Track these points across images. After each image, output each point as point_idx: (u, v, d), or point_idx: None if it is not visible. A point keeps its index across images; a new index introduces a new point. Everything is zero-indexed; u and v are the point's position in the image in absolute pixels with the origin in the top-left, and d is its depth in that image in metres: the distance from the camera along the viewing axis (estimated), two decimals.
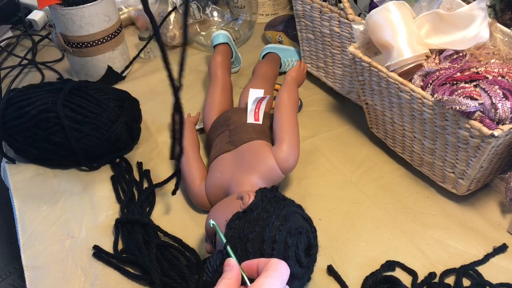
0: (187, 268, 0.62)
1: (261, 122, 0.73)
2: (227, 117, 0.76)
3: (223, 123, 0.75)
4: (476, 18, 0.67)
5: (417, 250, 0.66)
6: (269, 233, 0.53)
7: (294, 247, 0.53)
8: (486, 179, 0.71)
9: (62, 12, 0.90)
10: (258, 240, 0.53)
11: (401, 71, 0.68)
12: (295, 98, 0.75)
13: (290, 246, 0.53)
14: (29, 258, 0.67)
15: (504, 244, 0.65)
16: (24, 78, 1.05)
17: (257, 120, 0.73)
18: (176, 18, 1.08)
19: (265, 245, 0.53)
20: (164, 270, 0.63)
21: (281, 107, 0.72)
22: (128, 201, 0.73)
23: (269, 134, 0.73)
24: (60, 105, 0.75)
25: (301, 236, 0.55)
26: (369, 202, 0.73)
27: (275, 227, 0.54)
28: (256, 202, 0.57)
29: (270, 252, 0.52)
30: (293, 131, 0.70)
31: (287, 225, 0.54)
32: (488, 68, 0.64)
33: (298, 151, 0.69)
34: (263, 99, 0.72)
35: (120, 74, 1.01)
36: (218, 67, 0.89)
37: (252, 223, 0.54)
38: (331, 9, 0.81)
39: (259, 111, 0.72)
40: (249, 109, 0.73)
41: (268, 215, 0.55)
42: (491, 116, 0.60)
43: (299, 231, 0.55)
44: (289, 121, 0.71)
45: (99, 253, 0.66)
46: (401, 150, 0.77)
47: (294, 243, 0.54)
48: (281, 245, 0.53)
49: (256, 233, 0.54)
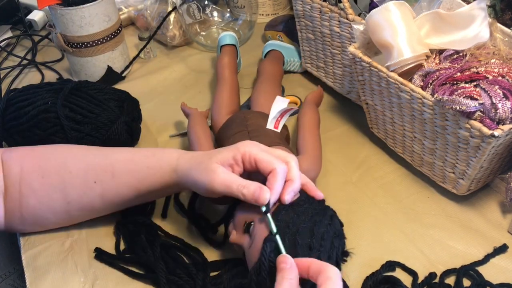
0: (193, 266, 0.62)
1: (279, 131, 0.74)
2: (244, 118, 0.76)
3: (240, 123, 0.75)
4: (476, 18, 0.67)
5: (418, 250, 0.66)
6: (318, 228, 0.54)
7: (336, 249, 0.54)
8: (487, 179, 0.71)
9: (62, 12, 0.90)
10: (308, 233, 0.53)
11: (401, 71, 0.68)
12: (317, 117, 0.80)
13: (335, 247, 0.54)
14: (29, 259, 0.67)
15: (505, 244, 0.65)
16: (24, 78, 1.05)
17: (276, 128, 0.74)
18: (176, 18, 1.08)
19: (315, 240, 0.53)
20: (170, 268, 0.62)
21: (306, 125, 0.77)
22: None
23: (287, 144, 0.74)
24: (60, 105, 0.75)
25: (342, 240, 0.56)
26: (369, 202, 0.73)
27: (324, 224, 0.54)
28: (302, 198, 0.57)
29: (319, 248, 0.52)
30: (316, 146, 0.74)
31: (333, 225, 0.55)
32: (488, 68, 0.64)
33: (320, 165, 0.72)
34: (288, 110, 0.73)
35: (120, 74, 1.01)
36: (225, 68, 0.89)
37: (301, 216, 0.55)
38: (331, 9, 0.81)
39: (281, 120, 0.74)
40: (272, 116, 0.73)
41: (316, 212, 0.56)
42: (491, 116, 0.60)
43: (341, 233, 0.56)
44: (313, 137, 0.75)
45: (101, 255, 0.66)
46: (401, 150, 0.77)
47: (337, 245, 0.54)
48: (327, 244, 0.53)
49: (305, 226, 0.54)
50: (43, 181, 0.64)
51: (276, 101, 0.74)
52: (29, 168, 0.65)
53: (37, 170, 0.65)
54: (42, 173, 0.64)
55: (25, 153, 0.67)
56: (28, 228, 0.68)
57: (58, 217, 0.67)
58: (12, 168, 0.65)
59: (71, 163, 0.65)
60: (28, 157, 0.66)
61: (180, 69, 1.05)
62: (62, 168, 0.64)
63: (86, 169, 0.64)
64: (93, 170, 0.64)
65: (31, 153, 0.67)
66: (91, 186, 0.64)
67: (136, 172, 0.63)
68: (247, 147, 0.57)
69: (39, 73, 1.06)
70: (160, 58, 1.09)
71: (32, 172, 0.65)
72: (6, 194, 0.65)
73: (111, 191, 0.64)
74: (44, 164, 0.65)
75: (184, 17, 1.06)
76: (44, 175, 0.64)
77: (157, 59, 1.08)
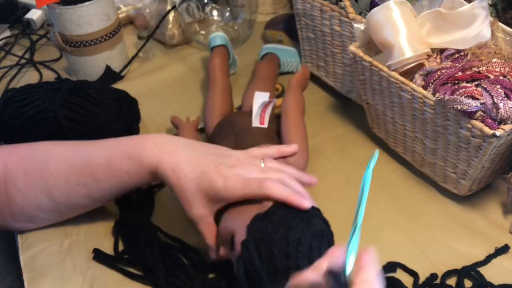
0: (192, 267, 0.62)
1: (266, 126, 0.73)
2: (232, 120, 0.76)
3: (228, 126, 0.75)
4: (478, 17, 0.67)
5: (419, 251, 0.65)
6: (293, 235, 0.52)
7: (318, 250, 0.53)
8: (488, 179, 0.71)
9: (60, 11, 0.90)
10: (283, 242, 0.52)
11: (402, 70, 0.68)
12: (301, 103, 0.76)
13: (314, 249, 0.53)
14: (27, 260, 0.66)
15: (506, 245, 0.65)
16: (22, 78, 1.05)
17: (263, 124, 0.73)
18: (175, 17, 1.07)
19: (290, 247, 0.52)
20: (169, 269, 0.62)
21: (288, 112, 0.73)
22: (127, 202, 0.72)
23: (275, 138, 0.73)
24: (59, 105, 0.75)
25: (323, 239, 0.54)
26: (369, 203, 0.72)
27: (299, 229, 0.53)
28: (277, 205, 0.56)
29: (296, 255, 0.51)
30: (301, 136, 0.71)
31: (310, 227, 0.54)
32: (490, 68, 0.64)
33: (307, 155, 0.70)
34: (269, 103, 0.71)
35: (119, 73, 1.00)
36: (216, 69, 0.89)
37: (275, 225, 0.54)
38: (332, 8, 0.81)
39: (264, 115, 0.72)
40: (254, 113, 0.72)
41: (290, 217, 0.55)
42: (493, 115, 0.60)
43: (322, 233, 0.55)
44: (297, 125, 0.72)
45: (99, 256, 0.66)
46: (402, 150, 0.77)
47: (317, 246, 0.53)
48: (305, 248, 0.52)
49: (280, 235, 0.53)
50: (27, 180, 0.64)
51: (256, 97, 0.74)
52: (13, 167, 0.65)
53: (20, 170, 0.64)
54: (25, 172, 0.64)
55: (9, 151, 0.67)
56: (22, 226, 0.68)
57: (49, 215, 0.67)
58: None
59: (51, 164, 0.64)
60: (11, 156, 0.66)
61: (179, 69, 1.04)
62: (44, 169, 0.64)
63: (67, 171, 0.64)
64: (74, 173, 0.64)
65: (15, 151, 0.67)
66: (75, 188, 0.64)
67: (117, 176, 0.63)
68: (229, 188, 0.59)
69: (37, 72, 1.05)
70: (159, 57, 1.08)
71: (16, 171, 0.64)
72: None
73: (96, 192, 0.65)
74: (26, 164, 0.65)
75: (183, 16, 1.06)
76: (27, 174, 0.64)
77: (156, 58, 1.08)
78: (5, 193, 0.64)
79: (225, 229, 0.59)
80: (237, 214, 0.59)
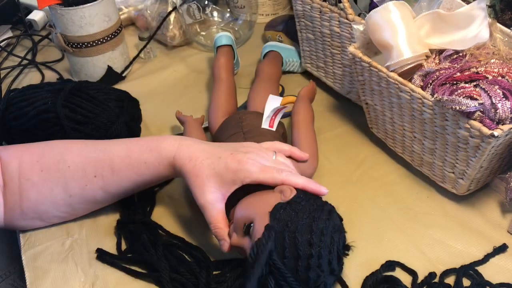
0: (196, 264, 0.63)
1: (274, 130, 0.75)
2: (240, 118, 0.76)
3: (235, 124, 0.75)
4: (476, 18, 0.67)
5: (417, 250, 0.66)
6: (317, 224, 0.54)
7: (337, 243, 0.55)
8: (486, 179, 0.71)
9: (62, 12, 0.90)
10: (307, 230, 0.54)
11: (401, 71, 0.68)
12: (311, 113, 0.79)
13: (335, 241, 0.55)
14: (29, 258, 0.67)
15: (504, 244, 0.65)
16: (24, 78, 1.05)
17: (272, 127, 0.75)
18: (176, 18, 1.08)
19: (314, 236, 0.53)
20: (173, 267, 0.63)
21: (300, 123, 0.76)
22: (128, 201, 0.73)
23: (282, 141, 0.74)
24: (60, 105, 0.75)
25: (341, 234, 0.57)
26: (369, 202, 0.73)
27: (322, 220, 0.55)
28: (299, 195, 0.58)
29: (318, 244, 0.53)
30: (312, 144, 0.74)
31: (332, 220, 0.56)
32: (488, 68, 0.64)
33: (317, 163, 0.73)
34: (282, 109, 0.73)
35: (120, 74, 1.01)
36: (222, 68, 0.89)
37: (300, 214, 0.55)
38: (331, 9, 0.81)
39: (275, 120, 0.74)
40: (266, 115, 0.74)
41: (314, 208, 0.56)
42: (491, 116, 0.60)
43: (341, 228, 0.57)
44: (308, 134, 0.75)
45: (103, 256, 0.66)
46: (401, 150, 0.77)
47: (337, 240, 0.55)
48: (327, 239, 0.54)
49: (304, 223, 0.54)
50: (42, 174, 0.65)
51: (270, 100, 0.74)
52: (28, 162, 0.65)
53: (36, 164, 0.65)
54: (40, 167, 0.65)
55: (23, 149, 0.68)
56: (29, 223, 0.68)
57: (61, 210, 0.67)
58: (11, 163, 0.65)
59: (68, 157, 0.65)
60: (26, 153, 0.67)
61: (180, 69, 1.05)
62: (61, 162, 0.65)
63: (84, 163, 0.65)
64: (91, 164, 0.65)
65: (29, 149, 0.68)
66: (91, 180, 0.65)
67: (135, 167, 0.64)
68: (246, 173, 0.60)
69: (39, 73, 1.06)
70: (160, 58, 1.09)
71: (31, 166, 0.65)
72: (6, 190, 0.65)
73: (112, 184, 0.65)
74: (42, 159, 0.66)
75: (184, 17, 1.06)
76: (43, 168, 0.65)
77: (157, 59, 1.08)
78: (18, 190, 0.65)
79: (243, 216, 0.59)
80: (256, 201, 0.60)
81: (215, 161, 0.61)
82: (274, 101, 0.74)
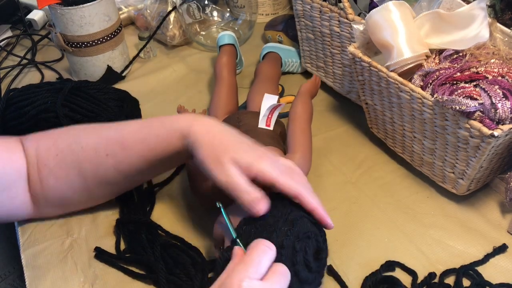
0: (192, 266, 0.62)
1: (272, 129, 0.74)
2: (238, 118, 0.76)
3: (233, 124, 0.75)
4: (476, 18, 0.67)
5: (417, 250, 0.66)
6: (276, 238, 0.52)
7: (302, 252, 0.53)
8: (486, 179, 0.71)
9: (61, 12, 0.90)
10: None
11: (401, 71, 0.68)
12: (310, 110, 0.76)
13: (298, 251, 0.52)
14: (29, 258, 0.67)
15: (504, 244, 0.65)
16: (24, 78, 1.05)
17: (269, 126, 0.73)
18: (176, 18, 1.08)
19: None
20: (170, 268, 0.63)
21: (296, 119, 0.74)
22: (128, 201, 0.73)
23: (280, 142, 0.74)
24: (60, 105, 0.75)
25: (309, 240, 0.54)
26: (369, 202, 0.73)
27: (282, 232, 0.53)
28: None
29: (279, 258, 0.51)
30: (306, 143, 0.72)
31: (294, 229, 0.53)
32: (488, 68, 0.64)
33: (310, 164, 0.71)
34: (278, 106, 0.72)
35: (120, 74, 1.01)
36: (224, 67, 0.89)
37: (259, 229, 0.54)
38: (331, 8, 0.81)
39: (271, 118, 0.73)
40: (262, 114, 0.73)
41: (275, 221, 0.54)
42: (491, 116, 0.60)
43: (307, 235, 0.54)
44: (303, 132, 0.73)
45: (101, 254, 0.66)
46: (401, 150, 0.77)
47: (302, 248, 0.53)
48: (288, 251, 0.52)
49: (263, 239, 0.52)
50: (58, 158, 0.65)
51: (265, 99, 0.74)
52: (44, 148, 0.66)
53: (51, 149, 0.65)
54: (56, 151, 0.65)
55: (40, 136, 0.68)
56: (55, 211, 0.70)
57: (79, 195, 0.68)
58: (30, 152, 0.66)
59: (83, 138, 0.66)
60: (43, 139, 0.67)
61: (180, 69, 1.05)
62: (74, 144, 0.65)
63: (97, 142, 0.65)
64: (104, 143, 0.64)
65: (45, 135, 0.68)
66: (103, 159, 0.64)
67: (146, 140, 0.62)
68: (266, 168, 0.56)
69: (39, 72, 1.06)
70: (160, 57, 1.09)
71: (47, 151, 0.65)
72: (29, 179, 0.66)
73: (123, 162, 0.64)
74: (57, 142, 0.66)
75: (184, 17, 1.06)
76: (58, 152, 0.65)
77: (157, 58, 1.08)
78: (38, 178, 0.65)
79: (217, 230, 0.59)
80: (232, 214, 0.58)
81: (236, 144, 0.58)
82: (270, 99, 0.73)
